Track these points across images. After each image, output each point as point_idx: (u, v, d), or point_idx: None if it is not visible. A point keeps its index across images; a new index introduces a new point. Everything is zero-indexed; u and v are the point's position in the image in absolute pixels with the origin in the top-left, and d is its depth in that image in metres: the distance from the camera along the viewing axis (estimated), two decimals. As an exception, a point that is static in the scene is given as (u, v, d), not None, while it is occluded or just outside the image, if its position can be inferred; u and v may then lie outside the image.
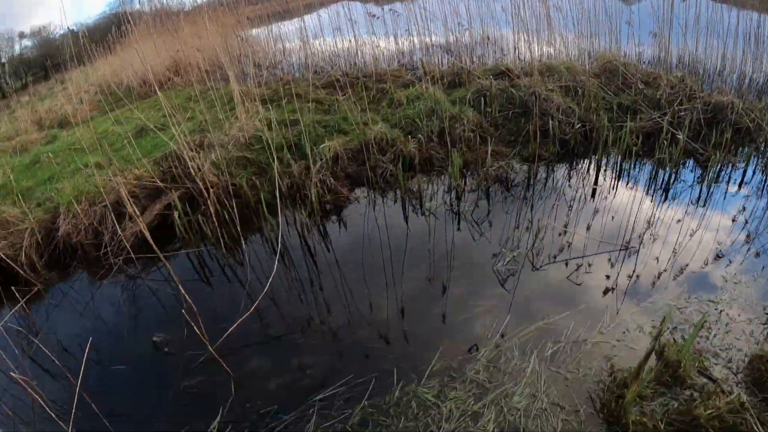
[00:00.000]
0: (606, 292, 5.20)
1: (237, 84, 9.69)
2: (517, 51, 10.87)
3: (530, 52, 10.67)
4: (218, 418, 4.45)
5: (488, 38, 12.49)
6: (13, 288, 6.12)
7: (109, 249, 7.06)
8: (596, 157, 7.75)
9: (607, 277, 5.40)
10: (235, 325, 5.18)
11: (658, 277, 5.31)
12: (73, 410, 4.32)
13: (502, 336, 4.81)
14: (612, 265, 5.57)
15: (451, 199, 7.21)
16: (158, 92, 7.76)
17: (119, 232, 6.88)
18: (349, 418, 4.27)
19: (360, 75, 11.60)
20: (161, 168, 8.20)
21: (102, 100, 11.74)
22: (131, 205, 5.08)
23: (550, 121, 8.20)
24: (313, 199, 7.16)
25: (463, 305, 5.24)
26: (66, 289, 6.89)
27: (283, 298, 5.87)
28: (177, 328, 5.44)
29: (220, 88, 9.88)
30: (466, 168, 7.63)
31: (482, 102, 8.99)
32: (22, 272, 6.69)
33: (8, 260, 6.69)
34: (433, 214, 6.91)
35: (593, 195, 6.94)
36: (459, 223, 6.72)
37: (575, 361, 4.44)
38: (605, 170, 7.63)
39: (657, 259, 5.60)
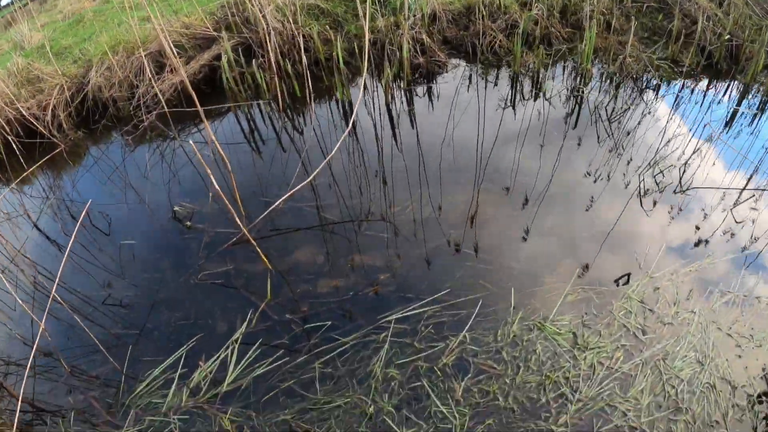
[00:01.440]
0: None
1: None
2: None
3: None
4: (242, 328, 3.29)
5: None
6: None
7: (142, 103, 5.93)
8: (743, 78, 5.87)
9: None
10: (277, 203, 4.03)
11: None
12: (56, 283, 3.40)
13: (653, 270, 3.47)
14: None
15: (576, 84, 5.56)
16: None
17: (155, 84, 5.59)
18: (440, 355, 3.01)
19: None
20: (215, 17, 6.75)
21: None
22: (172, 51, 3.63)
23: (693, 26, 6.31)
24: (404, 55, 5.57)
25: (595, 221, 3.90)
26: (90, 151, 5.95)
27: (346, 177, 4.59)
28: (207, 198, 4.44)
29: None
30: (593, 54, 5.91)
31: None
32: (46, 132, 5.83)
33: (33, 120, 5.81)
34: (549, 100, 5.30)
35: (731, 120, 5.17)
36: (580, 114, 5.20)
37: (747, 324, 3.14)
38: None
39: None
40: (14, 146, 5.65)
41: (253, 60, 6.12)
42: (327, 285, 3.58)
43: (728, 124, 4.98)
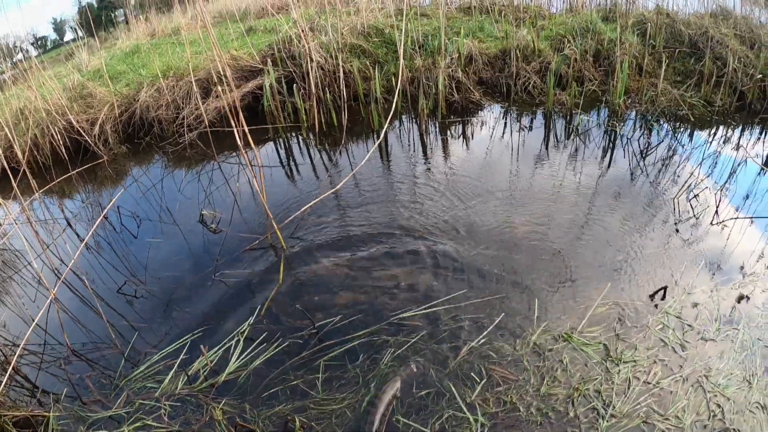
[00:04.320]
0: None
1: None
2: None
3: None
4: (250, 320, 3.04)
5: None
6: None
7: (185, 123, 5.96)
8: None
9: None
10: (304, 209, 3.95)
11: None
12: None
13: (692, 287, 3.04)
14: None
15: (608, 121, 5.26)
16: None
17: (201, 107, 5.61)
18: (452, 357, 2.63)
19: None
20: (263, 53, 6.83)
21: (218, 16, 10.45)
22: (224, 73, 3.60)
23: (725, 68, 6.01)
24: (440, 90, 5.42)
25: (631, 241, 3.48)
26: (130, 164, 5.94)
27: (375, 202, 4.29)
28: (235, 207, 4.35)
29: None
30: (626, 94, 5.63)
31: (645, 34, 6.86)
32: (92, 144, 5.90)
33: (82, 131, 5.89)
34: (580, 137, 5.00)
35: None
36: (614, 148, 4.84)
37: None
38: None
39: None
40: (61, 154, 5.63)
41: (295, 90, 6.08)
42: (344, 293, 3.23)
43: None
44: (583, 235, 3.55)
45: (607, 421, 2.30)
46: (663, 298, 2.94)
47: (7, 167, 4.40)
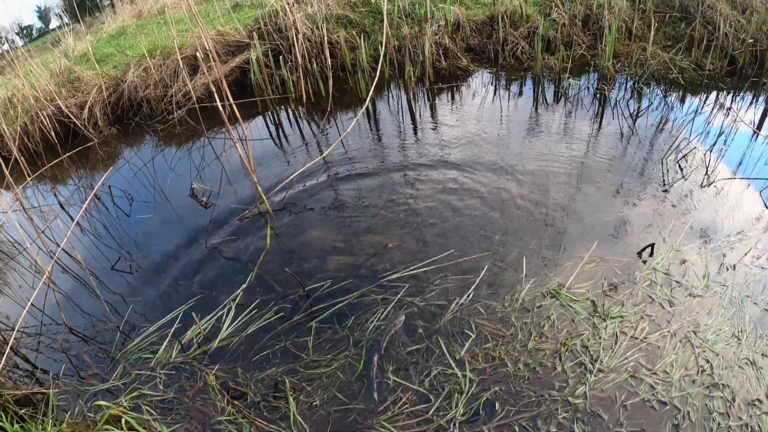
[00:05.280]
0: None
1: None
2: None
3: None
4: (243, 286, 3.09)
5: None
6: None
7: (174, 101, 5.93)
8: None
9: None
10: (292, 176, 3.93)
11: None
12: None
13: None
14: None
15: (597, 85, 5.23)
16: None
17: (189, 84, 5.56)
18: (441, 315, 2.68)
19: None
20: (249, 28, 6.75)
21: None
22: (211, 50, 3.57)
23: (716, 32, 5.95)
24: (426, 56, 5.38)
25: (619, 201, 3.49)
26: (120, 144, 5.93)
27: (364, 168, 4.28)
28: (225, 180, 4.35)
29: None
30: (615, 59, 5.59)
31: (636, -2, 6.79)
32: (81, 128, 5.88)
33: (71, 116, 5.86)
34: (569, 101, 4.97)
35: (760, 126, 4.65)
36: (603, 111, 4.83)
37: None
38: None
39: None
40: (51, 139, 5.61)
41: (282, 63, 6.04)
42: (333, 258, 3.25)
43: (759, 125, 4.52)
44: (572, 195, 3.56)
45: (595, 376, 2.33)
46: (651, 254, 2.95)
47: (-2, 155, 4.39)
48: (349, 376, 2.45)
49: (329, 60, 5.70)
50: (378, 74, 4.74)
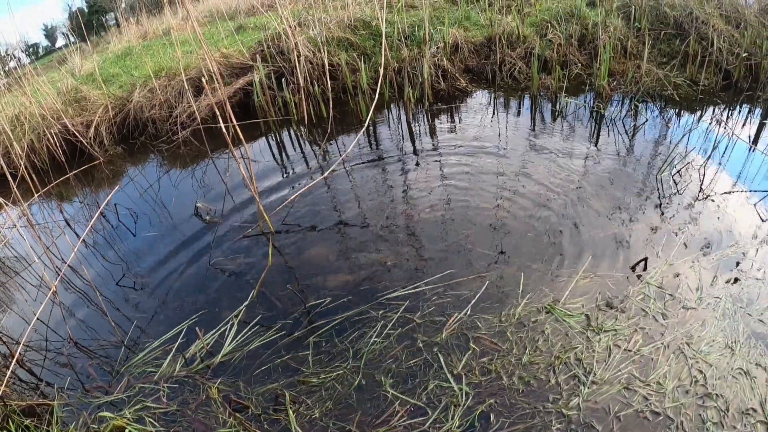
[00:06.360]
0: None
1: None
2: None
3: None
4: (246, 302, 3.15)
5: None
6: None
7: (179, 122, 6.07)
8: (765, 94, 5.52)
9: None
10: (294, 196, 4.04)
11: None
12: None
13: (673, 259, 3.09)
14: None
15: (594, 103, 5.34)
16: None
17: (193, 105, 5.70)
18: (439, 330, 2.74)
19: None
20: (252, 50, 6.92)
21: (209, 15, 10.54)
22: (214, 71, 3.70)
23: (710, 47, 6.08)
24: (425, 78, 5.51)
25: (614, 216, 3.57)
26: (126, 163, 6.04)
27: (365, 187, 4.37)
28: (228, 200, 4.45)
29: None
30: (611, 77, 5.70)
31: (630, 16, 6.93)
32: (87, 147, 6.01)
33: (77, 134, 5.99)
34: (566, 119, 5.08)
35: (756, 140, 4.70)
36: (600, 129, 4.94)
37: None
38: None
39: None
40: (57, 158, 5.72)
41: (284, 85, 6.17)
42: (334, 276, 3.32)
43: (755, 140, 4.60)
44: (568, 212, 3.63)
45: (588, 388, 2.37)
46: (645, 269, 3.01)
47: (6, 171, 4.48)
48: (347, 389, 2.51)
49: (330, 82, 5.83)
50: (377, 95, 4.85)
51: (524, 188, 3.97)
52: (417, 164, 4.59)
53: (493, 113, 5.53)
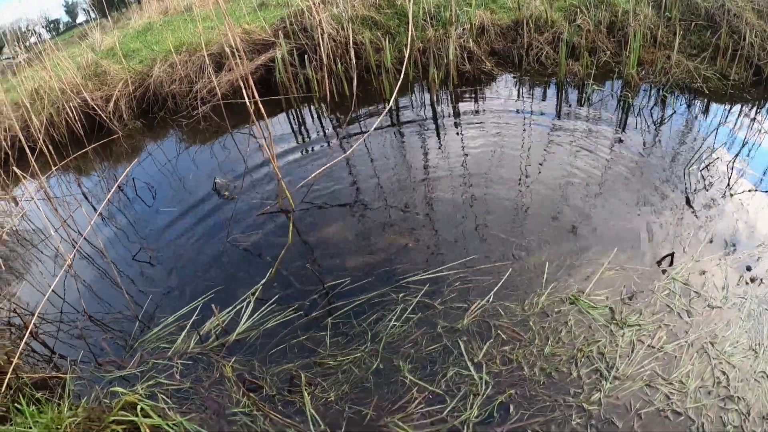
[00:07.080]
0: None
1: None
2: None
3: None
4: (263, 280, 3.11)
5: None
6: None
7: (199, 97, 6.02)
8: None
9: None
10: (314, 174, 3.96)
11: None
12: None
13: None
14: None
15: (621, 92, 5.20)
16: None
17: (214, 80, 5.66)
18: (460, 316, 2.68)
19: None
20: (275, 27, 6.81)
21: None
22: (237, 47, 3.63)
23: (742, 41, 5.88)
24: (451, 59, 5.40)
25: (641, 209, 3.46)
26: (144, 138, 6.03)
27: (386, 167, 4.30)
28: (248, 176, 4.40)
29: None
30: (639, 66, 5.55)
31: (661, 5, 6.73)
32: (107, 121, 5.99)
33: (96, 108, 5.97)
34: (593, 107, 4.95)
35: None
36: (627, 119, 4.80)
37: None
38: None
39: None
40: (76, 131, 5.72)
41: (307, 62, 6.10)
42: (353, 257, 3.28)
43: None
44: (594, 202, 3.54)
45: (610, 383, 2.32)
46: (671, 264, 2.93)
47: (25, 144, 4.48)
48: (365, 373, 2.47)
49: (354, 60, 5.74)
50: (402, 76, 4.76)
51: (548, 174, 3.88)
52: (440, 146, 4.52)
53: (519, 97, 5.41)
